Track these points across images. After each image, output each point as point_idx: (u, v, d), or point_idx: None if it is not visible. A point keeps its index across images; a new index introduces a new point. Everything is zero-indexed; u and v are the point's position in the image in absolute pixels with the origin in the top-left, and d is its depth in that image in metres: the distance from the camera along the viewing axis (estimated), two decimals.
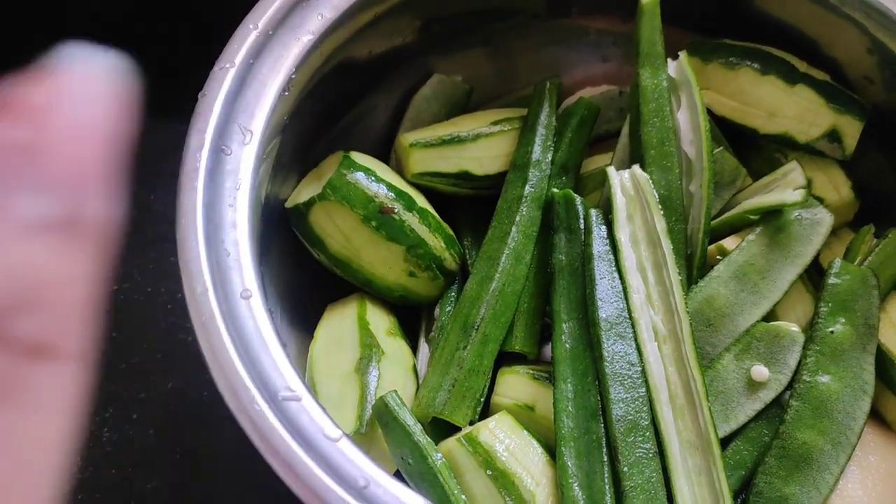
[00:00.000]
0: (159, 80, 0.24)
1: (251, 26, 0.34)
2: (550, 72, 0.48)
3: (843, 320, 0.36)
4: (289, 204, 0.41)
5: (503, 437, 0.35)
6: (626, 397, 0.34)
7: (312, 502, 0.26)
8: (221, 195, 0.31)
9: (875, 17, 0.38)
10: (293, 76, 0.36)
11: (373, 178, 0.40)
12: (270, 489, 0.27)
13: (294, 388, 0.28)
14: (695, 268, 0.39)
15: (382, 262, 0.40)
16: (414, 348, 0.42)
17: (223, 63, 0.33)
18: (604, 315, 0.36)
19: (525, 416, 0.37)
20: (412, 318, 0.44)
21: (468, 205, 0.45)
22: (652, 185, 0.39)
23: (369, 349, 0.39)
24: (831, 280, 0.37)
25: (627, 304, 0.37)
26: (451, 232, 0.43)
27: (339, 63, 0.40)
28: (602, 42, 0.48)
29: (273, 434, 0.27)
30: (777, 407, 0.36)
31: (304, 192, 0.41)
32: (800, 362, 0.36)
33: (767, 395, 0.36)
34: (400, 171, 0.44)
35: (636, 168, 0.39)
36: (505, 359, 0.40)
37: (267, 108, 0.34)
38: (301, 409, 0.28)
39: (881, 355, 0.36)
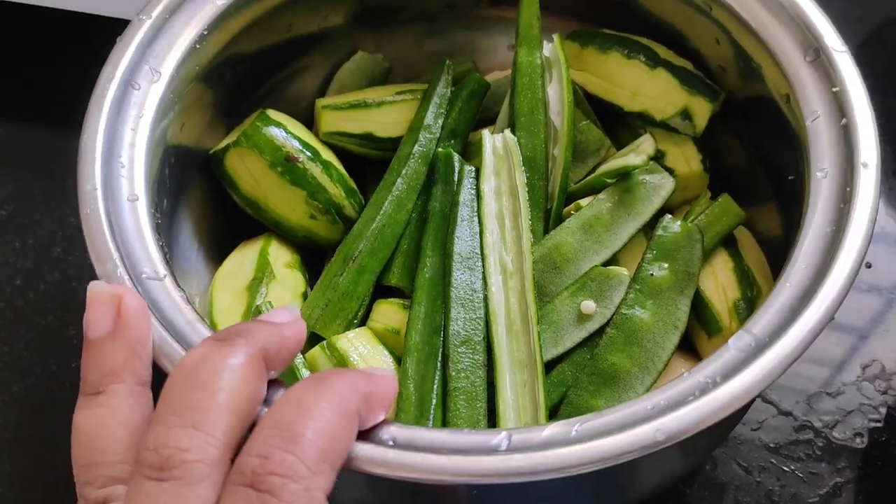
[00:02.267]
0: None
1: None
2: (466, 56, 0.54)
3: (665, 265, 0.41)
4: (211, 151, 0.47)
5: (359, 346, 0.40)
6: (465, 317, 0.40)
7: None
8: (125, 120, 0.38)
9: (726, 12, 0.43)
10: (205, 33, 0.42)
11: (283, 131, 0.46)
12: None
13: (158, 272, 0.34)
14: (552, 220, 0.45)
15: (286, 204, 0.46)
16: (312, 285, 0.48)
17: (142, 15, 0.40)
18: (458, 250, 0.42)
19: (391, 339, 0.43)
20: (319, 261, 0.50)
21: (376, 166, 0.51)
22: (518, 147, 0.45)
23: (262, 273, 0.45)
24: (659, 232, 0.42)
25: (481, 243, 0.42)
26: (352, 185, 0.48)
27: (258, 32, 0.46)
28: (511, 32, 0.54)
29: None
30: (599, 337, 0.41)
31: (223, 141, 0.47)
32: (622, 299, 0.41)
33: (592, 326, 0.41)
34: (317, 132, 0.50)
35: (507, 132, 0.45)
36: (387, 294, 0.45)
37: (177, 57, 0.41)
38: (160, 287, 0.34)
39: (699, 298, 0.41)
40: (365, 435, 0.29)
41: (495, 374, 0.39)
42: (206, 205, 0.48)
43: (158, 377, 0.30)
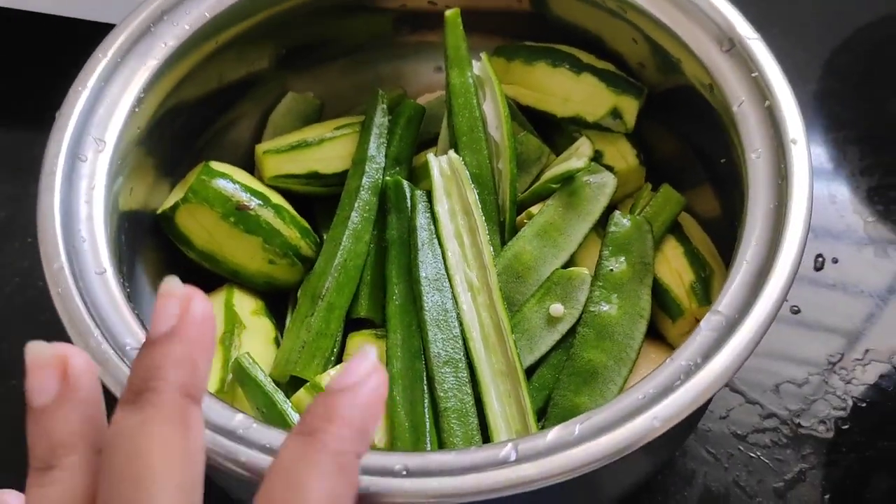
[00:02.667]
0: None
1: (100, 55, 0.41)
2: (394, 84, 0.56)
3: (622, 259, 0.43)
4: (159, 211, 0.47)
5: None
6: (442, 337, 0.41)
7: None
8: (78, 194, 0.37)
9: (632, 9, 0.46)
10: (142, 96, 0.42)
11: (230, 181, 0.46)
12: None
13: (141, 342, 0.34)
14: (507, 231, 0.46)
15: (243, 252, 0.47)
16: (283, 327, 0.48)
17: (77, 87, 0.40)
18: (424, 274, 0.43)
19: None
20: (281, 304, 0.50)
21: (324, 203, 0.52)
22: (464, 166, 0.46)
23: (232, 325, 0.45)
24: (611, 229, 0.44)
25: (445, 264, 0.43)
26: (305, 224, 0.49)
27: (191, 86, 0.46)
28: (434, 54, 0.56)
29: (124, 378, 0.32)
30: (572, 337, 0.42)
31: (170, 199, 0.47)
32: (588, 298, 0.43)
33: (563, 327, 0.42)
34: (260, 177, 0.50)
35: (451, 153, 0.46)
36: (357, 326, 0.46)
37: (119, 123, 0.40)
38: None
39: (657, 286, 0.43)
40: (376, 469, 0.30)
41: (480, 388, 0.40)
42: (160, 264, 0.48)
43: None
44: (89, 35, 0.43)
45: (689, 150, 0.49)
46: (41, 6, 0.56)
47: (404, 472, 0.30)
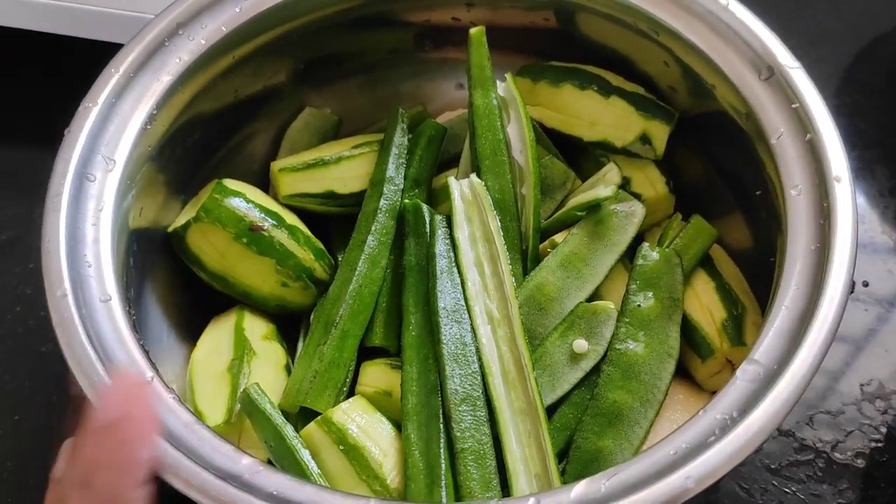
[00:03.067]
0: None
1: (113, 70, 0.39)
2: (414, 101, 0.54)
3: (650, 295, 0.41)
4: (170, 229, 0.45)
5: (355, 416, 0.39)
6: (460, 373, 0.39)
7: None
8: (84, 216, 0.36)
9: (665, 33, 0.44)
10: (154, 112, 0.40)
11: (243, 200, 0.45)
12: None
13: (144, 375, 0.32)
14: (529, 260, 0.44)
15: (256, 274, 0.45)
16: (293, 354, 0.46)
17: (87, 103, 0.38)
18: (442, 304, 0.41)
19: (384, 402, 0.42)
20: (294, 327, 0.48)
21: (340, 223, 0.50)
22: (486, 190, 0.44)
23: (241, 351, 0.43)
24: (639, 262, 0.42)
25: (465, 294, 0.41)
26: (320, 246, 0.47)
27: (205, 102, 0.45)
28: (457, 71, 0.54)
29: None
30: (596, 375, 0.40)
31: (182, 217, 0.45)
32: (613, 334, 0.41)
33: (587, 365, 0.41)
34: (275, 195, 0.49)
35: (473, 176, 0.45)
36: (371, 355, 0.44)
37: (130, 141, 0.39)
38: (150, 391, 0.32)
39: (686, 323, 0.41)
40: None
41: (499, 428, 0.38)
42: (171, 285, 0.46)
43: None
44: (101, 55, 0.41)
45: (719, 179, 0.48)
46: (53, 27, 0.54)
47: None
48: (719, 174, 0.47)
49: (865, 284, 0.53)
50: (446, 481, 0.37)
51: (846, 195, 0.35)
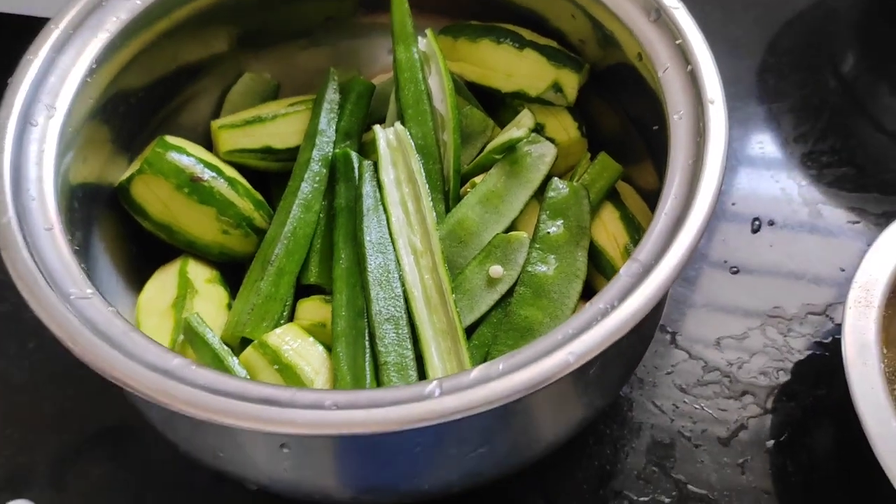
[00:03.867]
0: None
1: (53, 26, 0.42)
2: (349, 65, 0.57)
3: (560, 223, 0.45)
4: (117, 183, 0.48)
5: (289, 339, 0.42)
6: (384, 296, 0.42)
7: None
8: (27, 156, 0.39)
9: None
10: (94, 67, 0.43)
11: (184, 154, 0.48)
12: None
13: (85, 291, 0.35)
14: (451, 200, 0.48)
15: (198, 223, 0.48)
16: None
17: (28, 56, 0.41)
18: (368, 238, 0.44)
19: (319, 332, 0.45)
20: (237, 275, 0.51)
21: (279, 179, 0.53)
22: (410, 137, 0.48)
23: (184, 290, 0.46)
24: (550, 194, 0.46)
25: (389, 229, 0.45)
26: (259, 197, 0.50)
27: (146, 62, 0.48)
28: (389, 36, 0.57)
29: (67, 323, 0.34)
30: (511, 296, 0.44)
31: (127, 172, 0.48)
32: (526, 260, 0.44)
33: (503, 288, 0.44)
34: (217, 153, 0.52)
35: (397, 124, 0.48)
36: (308, 293, 0.47)
37: (71, 91, 0.42)
38: (90, 305, 0.35)
39: (594, 248, 0.45)
40: (306, 403, 0.31)
41: (421, 346, 0.42)
42: (118, 236, 0.49)
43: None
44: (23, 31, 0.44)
45: (629, 124, 0.51)
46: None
47: (334, 407, 0.32)
48: (628, 120, 0.51)
49: (771, 223, 0.57)
50: (370, 388, 0.40)
51: (719, 114, 0.39)
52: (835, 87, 0.65)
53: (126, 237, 0.50)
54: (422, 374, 0.41)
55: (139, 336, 0.34)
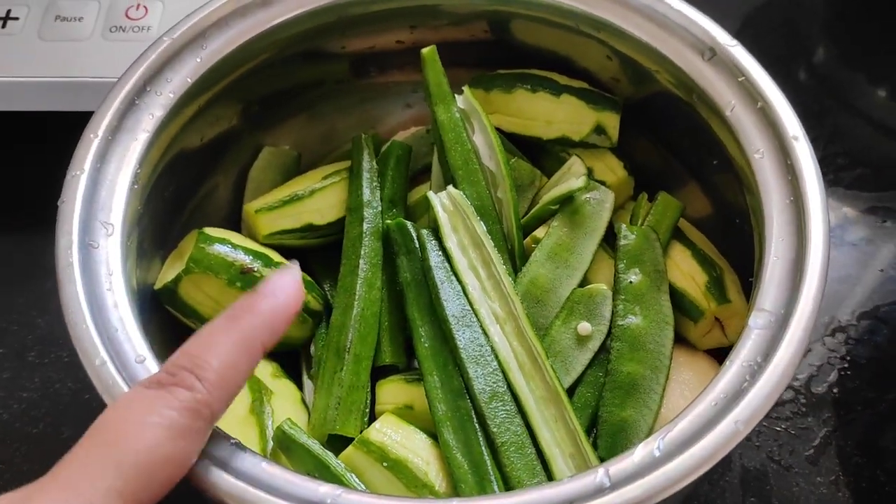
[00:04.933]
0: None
1: (91, 135, 0.39)
2: (365, 126, 0.55)
3: (637, 271, 0.44)
4: (157, 286, 0.45)
5: (390, 432, 0.40)
6: (483, 373, 0.41)
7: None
8: (98, 282, 0.36)
9: (605, 30, 0.47)
10: (138, 171, 0.40)
11: (229, 246, 0.45)
12: None
13: None
14: (517, 258, 0.47)
15: None
16: (299, 388, 0.47)
17: (74, 171, 0.38)
18: (450, 312, 0.43)
19: (407, 415, 0.43)
20: (293, 362, 0.49)
21: (320, 253, 0.51)
22: (466, 198, 0.46)
23: (259, 392, 0.43)
24: (622, 242, 0.45)
25: (467, 298, 0.43)
26: (309, 278, 0.48)
27: (177, 153, 0.45)
28: (402, 92, 0.56)
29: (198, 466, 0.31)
30: (604, 352, 0.43)
31: (169, 272, 0.45)
32: (612, 312, 0.43)
33: (594, 345, 0.43)
34: (252, 236, 0.49)
35: (450, 188, 0.47)
36: (380, 374, 0.45)
37: (122, 203, 0.39)
38: (212, 437, 0.32)
39: (674, 292, 0.45)
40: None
41: (528, 417, 0.40)
42: (167, 344, 0.46)
43: None
44: (53, 128, 0.41)
45: (668, 155, 0.51)
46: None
47: None
48: (666, 150, 0.51)
49: None
50: (494, 475, 0.38)
51: (805, 151, 0.39)
52: (806, 81, 0.67)
53: (173, 342, 0.46)
54: (535, 446, 0.40)
55: (271, 466, 0.32)
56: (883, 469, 0.48)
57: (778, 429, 0.50)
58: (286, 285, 0.33)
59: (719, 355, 0.45)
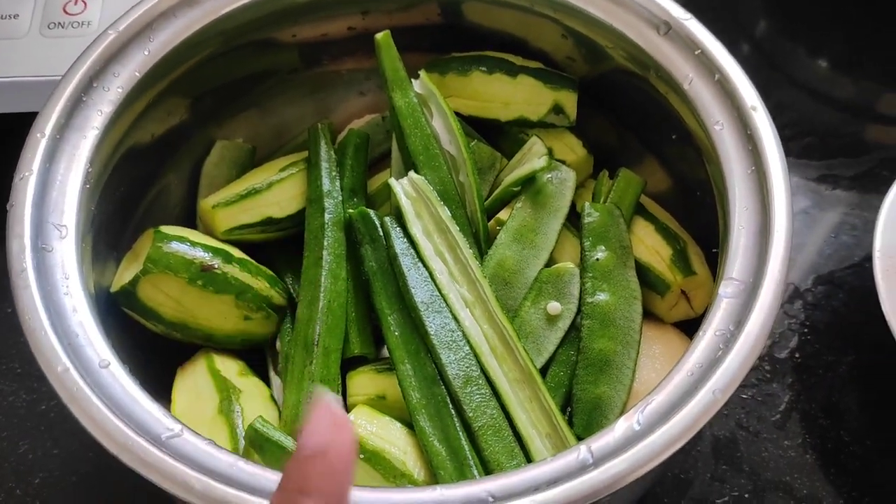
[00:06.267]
0: None
1: (38, 135, 0.38)
2: (318, 116, 0.54)
3: (603, 248, 0.44)
4: (114, 288, 0.43)
5: (365, 423, 0.40)
6: (455, 358, 0.41)
7: None
8: (55, 287, 0.34)
9: (560, 9, 0.47)
10: (89, 170, 0.39)
11: (188, 244, 0.44)
12: None
13: (171, 428, 0.32)
14: (482, 242, 0.46)
15: (217, 314, 0.44)
16: (267, 384, 0.46)
17: (22, 173, 0.36)
18: (419, 299, 0.42)
19: (379, 405, 0.42)
20: (258, 360, 0.48)
21: (280, 247, 0.50)
22: (428, 184, 0.46)
23: (227, 391, 0.42)
24: (586, 220, 0.45)
25: (435, 284, 0.43)
26: (271, 273, 0.47)
27: (128, 149, 0.44)
28: (355, 80, 0.55)
29: (175, 470, 0.30)
30: (574, 331, 0.43)
31: (125, 274, 0.44)
32: (581, 290, 0.43)
33: (564, 324, 0.43)
34: (209, 233, 0.48)
35: (412, 173, 0.46)
36: (351, 365, 0.45)
37: (74, 204, 0.38)
38: (185, 442, 0.31)
39: (639, 266, 0.45)
40: (463, 502, 0.29)
41: (503, 400, 0.40)
42: (125, 346, 0.44)
43: None
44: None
45: (625, 131, 0.51)
46: None
47: (491, 500, 0.30)
48: (625, 127, 0.51)
49: None
50: (473, 461, 0.38)
51: (764, 120, 0.39)
52: (748, 54, 0.68)
53: (132, 346, 0.45)
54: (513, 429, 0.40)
55: (248, 465, 0.31)
56: (846, 430, 0.49)
57: (744, 396, 0.51)
58: (332, 435, 0.25)
59: (686, 328, 0.45)
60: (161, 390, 0.44)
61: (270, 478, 0.31)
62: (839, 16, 0.70)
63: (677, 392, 0.32)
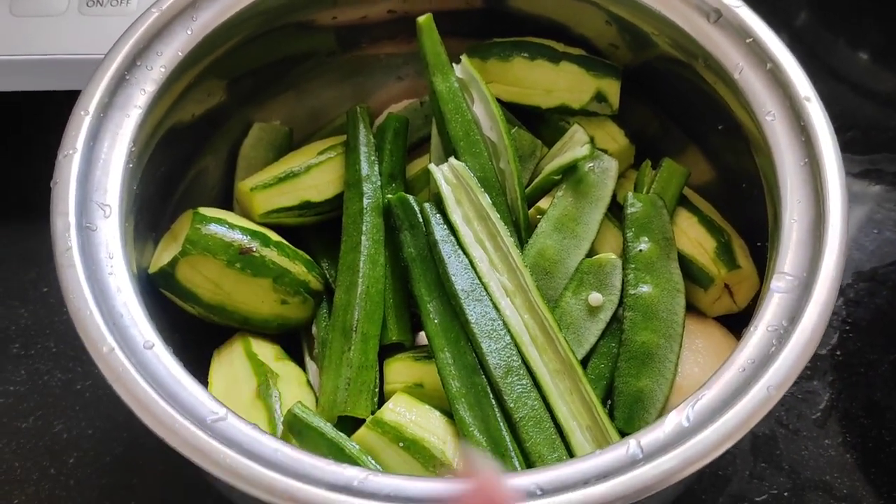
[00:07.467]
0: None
1: (82, 112, 0.37)
2: (356, 100, 0.54)
3: (646, 239, 0.43)
4: (152, 269, 0.43)
5: (404, 412, 0.39)
6: (496, 347, 0.40)
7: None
8: (100, 266, 0.34)
9: (624, 3, 0.46)
10: (132, 148, 0.39)
11: (226, 226, 0.44)
12: None
13: (216, 411, 0.31)
14: (522, 230, 0.46)
15: (254, 297, 0.44)
16: (302, 369, 0.46)
17: (66, 151, 0.36)
18: (459, 286, 0.42)
19: (417, 393, 0.42)
20: (294, 344, 0.48)
21: (316, 232, 0.50)
22: (469, 170, 0.45)
23: (264, 376, 0.42)
24: (629, 210, 0.44)
25: (476, 272, 0.42)
26: (308, 257, 0.47)
27: (169, 129, 0.43)
28: (394, 64, 0.54)
29: (221, 455, 0.30)
30: (616, 322, 0.43)
31: (164, 255, 0.43)
32: (623, 281, 0.43)
33: (606, 315, 0.43)
34: (246, 215, 0.47)
35: (452, 159, 0.45)
36: (387, 352, 0.44)
37: (118, 182, 0.37)
38: (230, 426, 0.31)
39: (682, 259, 0.44)
40: (515, 494, 0.29)
41: (543, 391, 0.40)
42: (164, 328, 0.44)
43: None
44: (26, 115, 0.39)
45: (667, 121, 0.51)
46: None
47: (539, 492, 0.29)
48: (668, 116, 0.50)
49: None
50: (514, 452, 0.38)
51: (818, 111, 0.38)
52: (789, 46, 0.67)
53: (175, 326, 0.45)
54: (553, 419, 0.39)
55: (293, 450, 0.31)
56: (888, 429, 0.49)
57: (785, 394, 0.50)
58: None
59: (727, 322, 0.45)
60: (196, 374, 0.44)
61: (315, 464, 0.30)
62: (879, 7, 0.69)
63: (728, 388, 0.32)
